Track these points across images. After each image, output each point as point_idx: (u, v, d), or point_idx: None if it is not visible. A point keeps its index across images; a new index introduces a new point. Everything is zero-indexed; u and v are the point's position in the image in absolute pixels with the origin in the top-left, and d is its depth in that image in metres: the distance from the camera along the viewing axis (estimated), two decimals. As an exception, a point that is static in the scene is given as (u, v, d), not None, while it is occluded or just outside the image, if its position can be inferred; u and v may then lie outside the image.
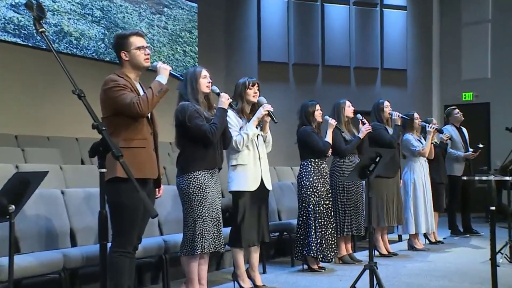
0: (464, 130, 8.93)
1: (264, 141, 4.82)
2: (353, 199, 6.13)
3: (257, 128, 4.67)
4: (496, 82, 12.67)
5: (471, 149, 8.63)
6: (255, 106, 4.77)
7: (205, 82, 4.22)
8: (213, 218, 4.18)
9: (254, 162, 4.68)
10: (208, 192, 4.14)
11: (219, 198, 4.29)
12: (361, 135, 6.20)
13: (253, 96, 4.72)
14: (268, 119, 4.71)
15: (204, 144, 4.14)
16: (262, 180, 4.71)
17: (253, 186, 4.65)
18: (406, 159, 7.32)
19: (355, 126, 6.41)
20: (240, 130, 4.62)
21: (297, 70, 11.99)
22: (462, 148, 8.68)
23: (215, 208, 4.21)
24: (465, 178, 5.74)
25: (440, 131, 7.63)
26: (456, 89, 13.07)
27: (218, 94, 4.30)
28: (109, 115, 3.46)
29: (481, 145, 8.54)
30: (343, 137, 6.14)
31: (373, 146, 6.37)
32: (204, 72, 4.25)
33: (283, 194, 7.01)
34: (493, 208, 4.20)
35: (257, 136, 4.70)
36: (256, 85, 4.76)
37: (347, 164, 6.12)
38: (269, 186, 4.78)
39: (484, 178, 4.97)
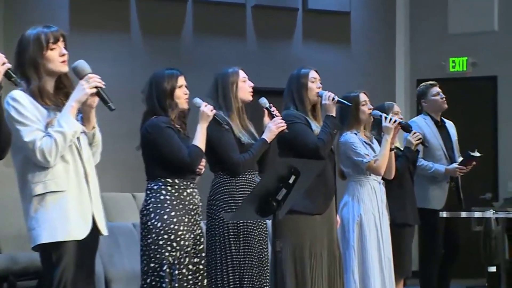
0: (450, 125, 9.24)
1: (91, 144, 4.92)
2: (255, 254, 6.22)
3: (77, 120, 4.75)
4: (508, 40, 13.17)
5: (459, 160, 8.91)
6: (63, 79, 4.83)
7: None
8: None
9: (78, 184, 4.75)
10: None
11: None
12: (267, 136, 6.31)
13: (61, 62, 4.76)
14: (96, 102, 4.77)
15: None
16: (93, 218, 4.79)
17: (81, 230, 4.71)
18: (347, 180, 7.48)
19: (259, 120, 6.50)
20: (47, 128, 4.62)
21: (144, 9, 11.95)
22: (443, 158, 8.94)
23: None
24: (444, 214, 5.82)
25: (406, 127, 7.84)
26: (438, 52, 13.52)
27: None
28: None
29: (477, 153, 8.78)
30: (238, 139, 6.23)
31: (286, 154, 6.48)
32: None
33: (118, 245, 7.02)
34: (493, 269, 4.34)
35: (77, 137, 4.76)
36: (61, 39, 4.77)
37: (243, 188, 6.22)
38: (103, 228, 4.90)
39: (476, 215, 5.07)
